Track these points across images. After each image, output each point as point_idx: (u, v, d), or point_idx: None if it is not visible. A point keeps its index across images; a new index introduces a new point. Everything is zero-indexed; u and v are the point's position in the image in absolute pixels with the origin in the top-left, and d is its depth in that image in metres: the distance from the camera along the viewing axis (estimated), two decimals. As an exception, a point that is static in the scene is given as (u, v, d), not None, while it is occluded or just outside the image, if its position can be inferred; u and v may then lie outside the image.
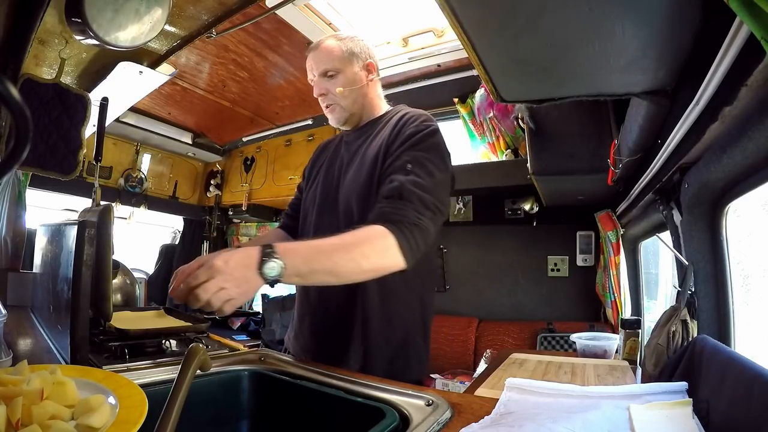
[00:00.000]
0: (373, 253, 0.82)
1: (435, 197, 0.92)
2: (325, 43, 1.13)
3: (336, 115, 1.14)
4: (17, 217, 1.91)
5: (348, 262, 0.80)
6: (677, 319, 0.99)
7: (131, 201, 3.48)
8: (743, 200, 0.97)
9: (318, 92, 1.13)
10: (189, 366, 0.49)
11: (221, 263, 0.69)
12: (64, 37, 1.45)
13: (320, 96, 1.13)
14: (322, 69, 1.11)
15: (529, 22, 0.73)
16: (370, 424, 0.62)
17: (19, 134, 0.35)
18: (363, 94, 1.15)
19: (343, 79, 1.10)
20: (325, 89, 1.11)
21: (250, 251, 0.73)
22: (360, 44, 1.14)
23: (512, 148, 2.59)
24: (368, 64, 1.15)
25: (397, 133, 1.03)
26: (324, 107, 1.15)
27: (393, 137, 1.03)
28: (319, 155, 1.26)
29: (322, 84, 1.12)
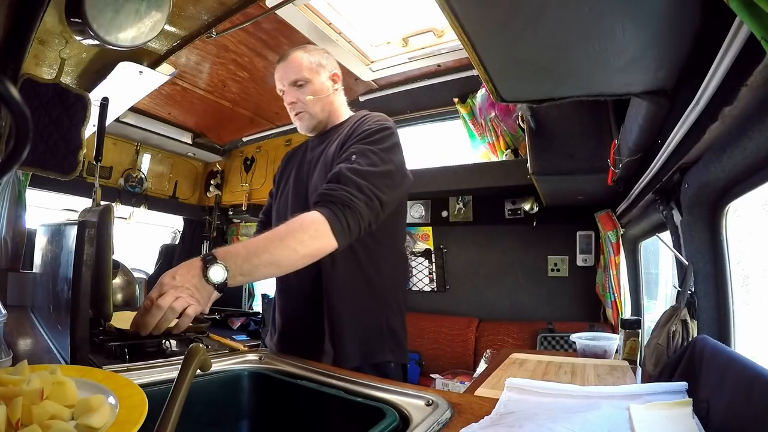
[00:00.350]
0: (306, 238, 0.87)
1: (371, 183, 0.96)
2: (294, 54, 1.19)
3: (305, 123, 1.21)
4: (17, 217, 1.91)
5: (284, 251, 0.85)
6: (677, 319, 0.99)
7: (131, 201, 3.48)
8: (743, 200, 0.97)
9: (289, 101, 1.19)
10: (189, 366, 0.49)
11: (169, 279, 0.75)
12: (64, 37, 1.45)
13: (291, 104, 1.19)
14: (292, 79, 1.17)
15: (529, 22, 0.73)
16: (370, 424, 0.61)
17: (19, 134, 0.35)
18: (329, 102, 1.22)
19: (311, 88, 1.18)
20: (295, 98, 1.18)
21: (192, 262, 0.78)
22: (325, 56, 1.23)
23: (512, 148, 2.59)
24: (333, 74, 1.23)
25: (352, 131, 1.11)
26: (293, 115, 1.21)
27: (348, 135, 1.11)
28: (288, 163, 1.32)
29: (292, 93, 1.18)
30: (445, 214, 3.01)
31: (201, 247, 4.09)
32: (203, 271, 0.76)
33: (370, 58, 2.41)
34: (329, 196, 0.93)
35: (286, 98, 1.20)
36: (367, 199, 0.94)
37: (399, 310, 1.16)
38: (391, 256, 1.16)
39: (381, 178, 0.99)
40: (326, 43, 2.14)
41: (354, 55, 2.32)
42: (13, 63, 1.27)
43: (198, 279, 0.76)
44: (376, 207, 0.97)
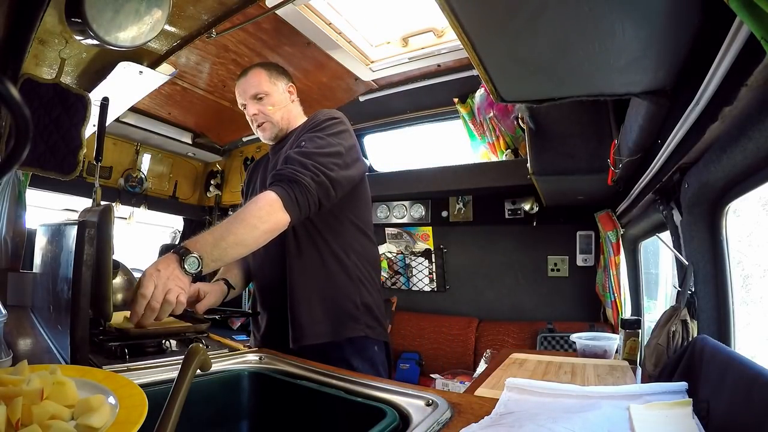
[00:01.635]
0: (264, 214, 0.96)
1: (316, 161, 1.05)
2: (253, 70, 1.28)
3: (268, 133, 1.29)
4: (17, 217, 1.91)
5: (246, 229, 0.93)
6: (677, 319, 0.99)
7: (131, 201, 3.47)
8: (743, 200, 0.97)
9: (251, 113, 1.27)
10: (189, 366, 0.49)
11: (153, 271, 0.81)
12: (64, 37, 1.45)
13: (253, 116, 1.27)
14: (252, 93, 1.25)
15: (529, 22, 0.73)
16: (370, 424, 0.61)
17: (19, 134, 0.35)
18: (288, 111, 1.31)
19: (272, 99, 1.27)
20: (257, 110, 1.26)
21: (169, 256, 0.84)
22: (281, 70, 1.33)
23: (512, 148, 2.59)
24: (289, 87, 1.32)
25: (303, 127, 1.24)
26: (256, 127, 1.29)
27: (301, 131, 1.22)
28: (252, 173, 1.41)
29: (254, 106, 1.26)
30: (445, 214, 3.01)
31: (201, 247, 4.09)
32: (180, 262, 0.83)
33: (370, 58, 2.41)
34: (279, 175, 1.04)
35: (248, 111, 1.27)
36: (312, 175, 1.03)
37: (374, 288, 1.24)
38: (360, 240, 1.24)
39: (327, 157, 1.08)
40: (326, 43, 2.14)
41: (354, 55, 2.31)
42: (13, 63, 1.27)
43: (178, 270, 0.83)
44: (324, 182, 1.05)
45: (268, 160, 1.35)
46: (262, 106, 1.26)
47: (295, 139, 1.21)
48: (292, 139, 1.24)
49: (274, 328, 1.20)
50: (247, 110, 1.28)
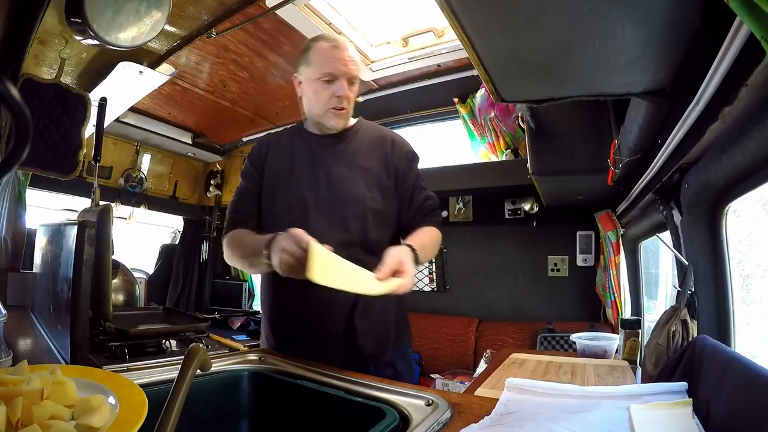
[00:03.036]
0: (438, 243, 1.18)
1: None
2: (352, 49, 1.16)
3: (342, 121, 1.17)
4: (17, 217, 1.91)
5: (436, 248, 1.16)
6: (677, 319, 0.99)
7: (131, 201, 3.48)
8: (743, 200, 0.97)
9: (344, 94, 1.12)
10: (189, 366, 0.49)
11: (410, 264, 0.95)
12: (64, 37, 1.45)
13: (341, 97, 1.12)
14: (353, 75, 1.13)
15: (529, 22, 0.73)
16: (370, 424, 0.61)
17: (19, 134, 0.35)
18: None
19: (357, 89, 1.17)
20: (347, 93, 1.13)
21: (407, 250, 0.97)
22: None
23: (512, 148, 2.59)
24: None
25: (394, 154, 1.22)
26: (337, 110, 1.14)
27: (393, 158, 1.21)
28: (276, 149, 1.24)
29: (347, 87, 1.13)
30: (445, 214, 3.01)
31: (201, 247, 4.09)
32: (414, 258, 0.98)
33: (370, 58, 2.41)
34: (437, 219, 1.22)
35: (336, 88, 1.11)
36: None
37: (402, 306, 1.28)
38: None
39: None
40: (326, 43, 2.14)
41: (354, 55, 2.31)
42: (13, 63, 1.27)
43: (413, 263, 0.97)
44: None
45: (305, 142, 1.22)
46: (352, 92, 1.15)
47: (392, 166, 1.20)
48: (369, 153, 1.19)
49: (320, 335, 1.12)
50: (334, 86, 1.11)
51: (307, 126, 1.24)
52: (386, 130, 1.28)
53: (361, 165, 1.17)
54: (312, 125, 1.22)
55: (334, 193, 1.14)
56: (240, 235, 1.14)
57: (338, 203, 1.13)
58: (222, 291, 4.00)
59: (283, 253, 0.88)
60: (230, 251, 1.14)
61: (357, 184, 1.14)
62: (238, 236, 1.14)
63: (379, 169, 1.18)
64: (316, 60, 1.12)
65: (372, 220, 1.14)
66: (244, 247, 1.09)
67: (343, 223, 1.12)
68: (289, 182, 1.18)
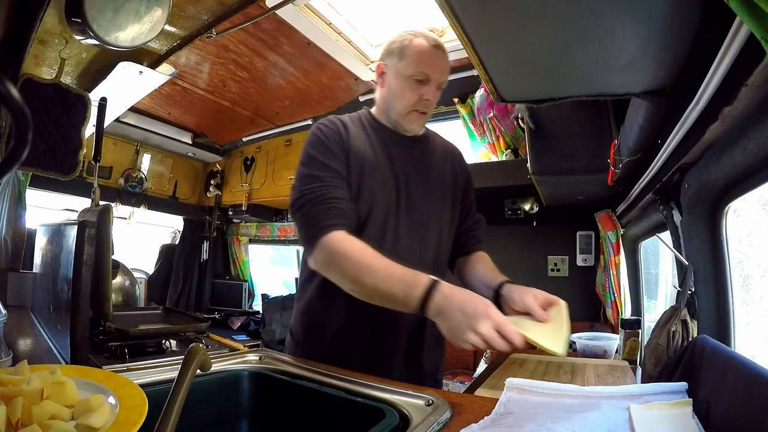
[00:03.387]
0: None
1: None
2: (446, 54, 1.08)
3: (421, 124, 1.11)
4: (17, 217, 1.91)
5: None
6: (677, 319, 0.99)
7: (131, 201, 3.48)
8: (743, 200, 0.97)
9: (432, 97, 1.05)
10: (189, 366, 0.49)
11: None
12: (64, 37, 1.45)
13: (427, 101, 1.05)
14: (443, 80, 1.06)
15: (529, 22, 0.73)
16: (370, 424, 0.62)
17: (19, 134, 0.35)
18: None
19: (439, 95, 1.08)
20: (434, 97, 1.06)
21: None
22: None
23: (512, 148, 2.59)
24: None
25: (461, 171, 1.20)
26: (418, 113, 1.07)
27: (459, 174, 1.19)
28: (353, 134, 1.06)
29: (435, 91, 1.05)
30: (445, 214, 3.01)
31: (201, 247, 4.09)
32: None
33: (370, 58, 2.41)
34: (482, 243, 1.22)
35: (426, 92, 1.03)
36: None
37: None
38: None
39: None
40: (326, 43, 2.14)
41: (354, 55, 2.32)
42: (13, 63, 1.27)
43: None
44: None
45: (380, 140, 1.08)
46: (437, 98, 1.07)
47: (461, 184, 1.19)
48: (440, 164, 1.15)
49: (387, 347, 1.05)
50: (424, 88, 1.03)
51: (379, 118, 1.12)
52: (451, 143, 1.23)
53: (435, 177, 1.12)
54: (385, 119, 1.11)
55: (413, 203, 1.06)
56: (365, 251, 0.90)
57: (416, 214, 1.06)
58: (222, 291, 4.00)
59: (476, 336, 0.75)
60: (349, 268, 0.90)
61: (433, 196, 1.10)
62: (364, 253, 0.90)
63: (450, 184, 1.15)
64: (413, 56, 1.02)
65: (444, 236, 1.12)
66: (375, 274, 0.87)
67: (420, 235, 1.07)
68: (373, 178, 1.03)
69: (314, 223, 0.93)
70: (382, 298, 0.88)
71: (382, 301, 0.89)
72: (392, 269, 0.86)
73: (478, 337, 0.75)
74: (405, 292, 0.83)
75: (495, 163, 2.64)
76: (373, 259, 0.88)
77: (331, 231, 0.92)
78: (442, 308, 0.79)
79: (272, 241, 3.90)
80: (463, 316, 0.77)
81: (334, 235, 0.92)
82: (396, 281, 0.85)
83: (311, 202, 0.95)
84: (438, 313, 0.80)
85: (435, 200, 1.10)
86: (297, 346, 1.09)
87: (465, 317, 0.76)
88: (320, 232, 0.92)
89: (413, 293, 0.82)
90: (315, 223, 0.93)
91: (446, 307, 0.79)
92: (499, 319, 0.75)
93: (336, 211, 0.94)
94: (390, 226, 1.03)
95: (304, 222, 0.95)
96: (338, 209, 0.95)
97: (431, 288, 0.81)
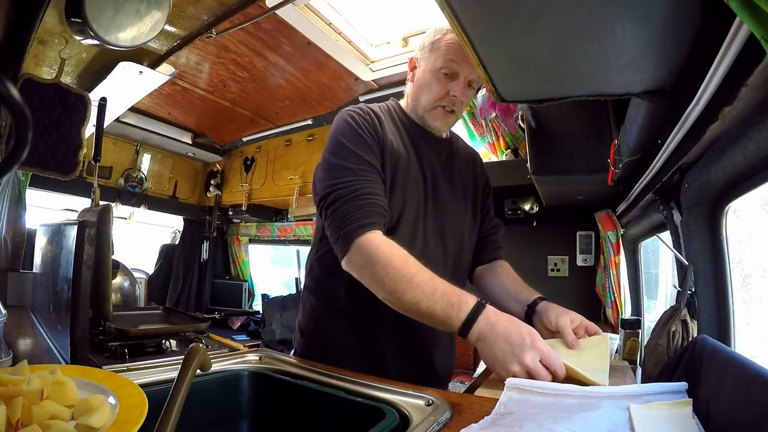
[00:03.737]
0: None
1: None
2: None
3: (450, 123, 1.07)
4: (17, 217, 1.91)
5: None
6: (677, 319, 0.99)
7: (131, 201, 3.48)
8: (743, 200, 0.97)
9: (460, 93, 1.00)
10: (189, 366, 0.49)
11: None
12: (64, 37, 1.45)
13: (455, 98, 1.01)
14: (474, 77, 1.01)
15: (529, 22, 0.73)
16: (370, 424, 0.62)
17: (19, 134, 0.35)
18: None
19: (471, 94, 1.05)
20: (464, 95, 1.02)
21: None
22: None
23: (512, 148, 2.59)
24: None
25: (482, 175, 1.21)
26: (447, 111, 1.03)
27: (480, 180, 1.19)
28: (386, 127, 1.01)
29: (464, 88, 1.02)
30: (445, 214, 3.01)
31: (201, 247, 4.09)
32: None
33: (370, 58, 2.41)
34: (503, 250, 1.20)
35: (455, 89, 0.99)
36: None
37: None
38: None
39: None
40: (326, 43, 2.14)
41: (354, 55, 2.31)
42: (13, 63, 1.27)
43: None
44: None
45: (409, 138, 1.04)
46: (467, 96, 1.03)
47: (481, 189, 1.19)
48: (464, 170, 1.14)
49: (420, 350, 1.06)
50: (453, 84, 0.99)
51: (408, 112, 1.09)
52: (472, 148, 1.24)
53: (459, 182, 1.10)
54: (414, 115, 1.08)
55: (440, 206, 1.04)
56: (408, 261, 0.84)
57: (442, 218, 1.04)
58: (222, 291, 4.01)
59: (520, 366, 0.73)
60: (389, 277, 0.83)
61: (457, 201, 1.09)
62: (407, 263, 0.83)
63: (472, 190, 1.14)
64: (443, 50, 0.99)
65: (466, 243, 1.10)
66: (417, 289, 0.81)
67: (443, 241, 1.04)
68: (407, 177, 0.99)
69: (350, 221, 0.86)
70: (420, 314, 0.82)
71: (419, 317, 0.83)
72: (437, 285, 0.81)
73: (522, 368, 0.73)
74: (447, 313, 0.79)
75: (495, 163, 2.64)
76: (416, 271, 0.82)
77: (368, 231, 0.86)
78: (486, 335, 0.76)
79: (272, 241, 3.90)
80: (508, 345, 0.74)
81: (372, 236, 0.85)
82: (439, 299, 0.80)
83: (345, 196, 0.88)
84: (480, 338, 0.77)
85: (459, 205, 1.09)
86: (308, 342, 1.05)
87: (510, 346, 0.74)
88: (357, 231, 0.86)
89: (456, 314, 0.78)
90: (351, 221, 0.86)
91: (490, 333, 0.76)
92: (545, 350, 0.73)
93: (373, 208, 0.88)
94: (419, 230, 1.00)
95: (337, 218, 0.88)
96: (375, 206, 0.88)
97: (476, 311, 0.78)
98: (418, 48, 1.06)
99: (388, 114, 1.05)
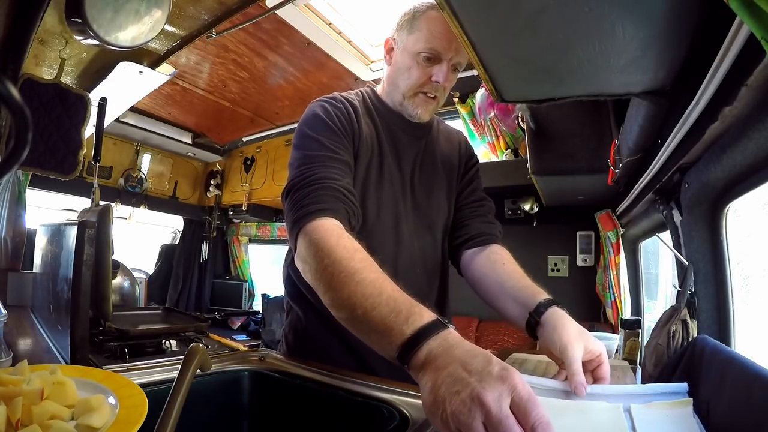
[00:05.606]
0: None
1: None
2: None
3: (432, 110, 0.97)
4: (17, 217, 1.91)
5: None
6: (677, 319, 0.99)
7: (131, 201, 3.48)
8: (743, 200, 0.97)
9: (442, 78, 0.90)
10: (189, 366, 0.49)
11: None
12: (64, 37, 1.45)
13: (437, 83, 0.91)
14: (459, 60, 0.92)
15: (529, 22, 0.73)
16: (370, 424, 0.61)
17: (19, 134, 0.35)
18: None
19: (455, 78, 0.96)
20: (447, 79, 0.92)
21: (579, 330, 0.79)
22: None
23: (512, 148, 2.60)
24: None
25: (467, 159, 1.12)
26: (428, 97, 0.94)
27: (463, 162, 1.10)
28: (361, 117, 0.94)
29: (448, 72, 0.92)
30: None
31: (201, 247, 4.09)
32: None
33: (370, 58, 2.41)
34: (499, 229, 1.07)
35: (437, 73, 0.90)
36: None
37: None
38: None
39: None
40: (326, 43, 2.14)
41: (354, 55, 2.32)
42: (13, 63, 1.27)
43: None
44: None
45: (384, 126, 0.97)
46: (450, 81, 0.94)
47: (459, 164, 1.08)
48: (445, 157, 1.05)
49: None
50: (435, 68, 0.90)
51: (384, 99, 1.00)
52: (456, 130, 1.13)
53: (441, 170, 1.03)
54: (390, 101, 0.99)
55: (421, 202, 0.98)
56: (355, 253, 0.66)
57: (424, 214, 0.99)
58: (222, 291, 4.01)
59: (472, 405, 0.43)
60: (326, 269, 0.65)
61: (442, 191, 1.02)
62: (353, 255, 0.65)
63: (454, 176, 1.06)
64: (424, 30, 0.89)
65: (442, 237, 1.03)
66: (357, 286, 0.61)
67: (421, 242, 0.98)
68: (381, 173, 0.92)
69: (298, 209, 0.74)
70: (353, 323, 0.62)
71: (352, 326, 0.62)
72: (384, 288, 0.60)
73: (475, 410, 0.43)
74: (387, 324, 0.55)
75: (495, 163, 2.65)
76: (362, 267, 0.63)
77: (318, 217, 0.71)
78: (436, 357, 0.50)
79: (272, 241, 3.90)
80: (464, 371, 0.46)
81: (321, 223, 0.71)
82: (382, 305, 0.57)
83: (298, 185, 0.77)
84: (427, 362, 0.50)
85: (442, 194, 1.02)
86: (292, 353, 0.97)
87: (466, 373, 0.46)
88: (304, 219, 0.72)
89: (400, 327, 0.54)
90: (299, 208, 0.74)
91: (442, 356, 0.49)
92: (522, 392, 0.44)
93: (328, 192, 0.75)
94: (403, 230, 0.95)
95: (289, 211, 0.77)
96: (331, 189, 0.76)
97: (431, 328, 0.53)
98: (396, 27, 0.95)
99: (362, 103, 0.98)
